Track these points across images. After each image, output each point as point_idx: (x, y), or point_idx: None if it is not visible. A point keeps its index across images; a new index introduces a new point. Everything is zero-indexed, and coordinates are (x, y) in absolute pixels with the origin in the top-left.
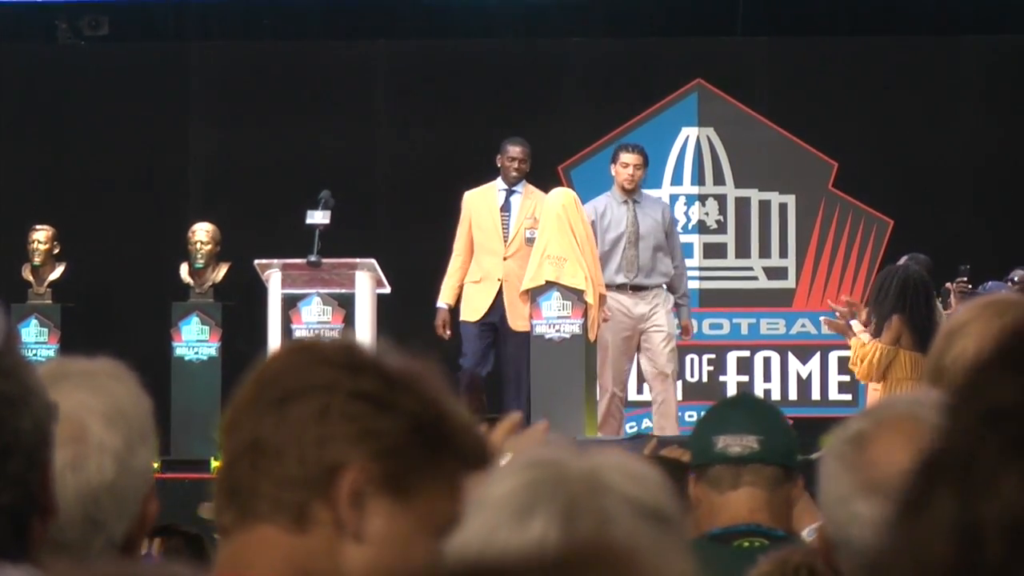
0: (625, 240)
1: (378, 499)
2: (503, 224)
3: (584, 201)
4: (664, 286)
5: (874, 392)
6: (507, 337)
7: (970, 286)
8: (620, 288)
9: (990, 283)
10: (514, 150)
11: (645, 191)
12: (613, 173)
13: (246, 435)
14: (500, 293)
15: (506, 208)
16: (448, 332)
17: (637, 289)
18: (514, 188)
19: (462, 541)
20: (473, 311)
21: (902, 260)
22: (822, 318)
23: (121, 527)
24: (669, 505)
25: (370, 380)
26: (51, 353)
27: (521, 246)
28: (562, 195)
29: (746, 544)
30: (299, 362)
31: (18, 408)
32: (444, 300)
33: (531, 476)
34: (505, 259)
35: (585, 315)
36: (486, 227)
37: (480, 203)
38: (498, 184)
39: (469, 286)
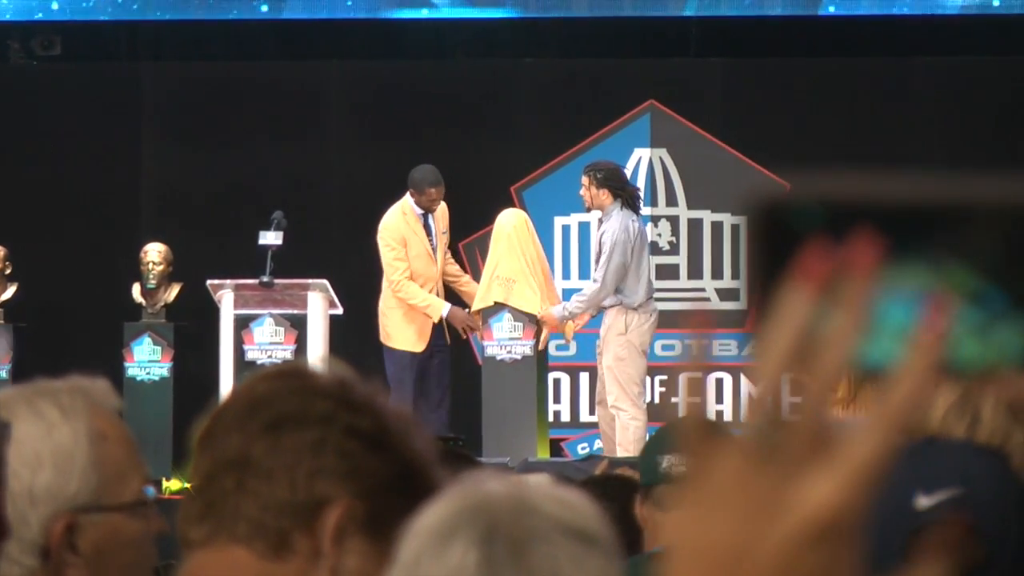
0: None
1: (358, 538)
2: (431, 247)
3: (538, 221)
4: (615, 307)
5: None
6: (443, 352)
7: None
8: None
9: None
10: (435, 191)
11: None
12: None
13: (231, 452)
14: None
15: (428, 231)
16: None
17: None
18: (428, 214)
19: (392, 573)
20: (416, 341)
21: None
22: None
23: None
24: (597, 526)
25: (367, 419)
26: (2, 374)
27: (443, 261)
28: (513, 216)
29: None
30: (294, 389)
31: None
32: (445, 305)
33: (455, 503)
34: (432, 280)
35: (536, 335)
36: (419, 253)
37: (408, 232)
38: (415, 208)
39: (404, 311)
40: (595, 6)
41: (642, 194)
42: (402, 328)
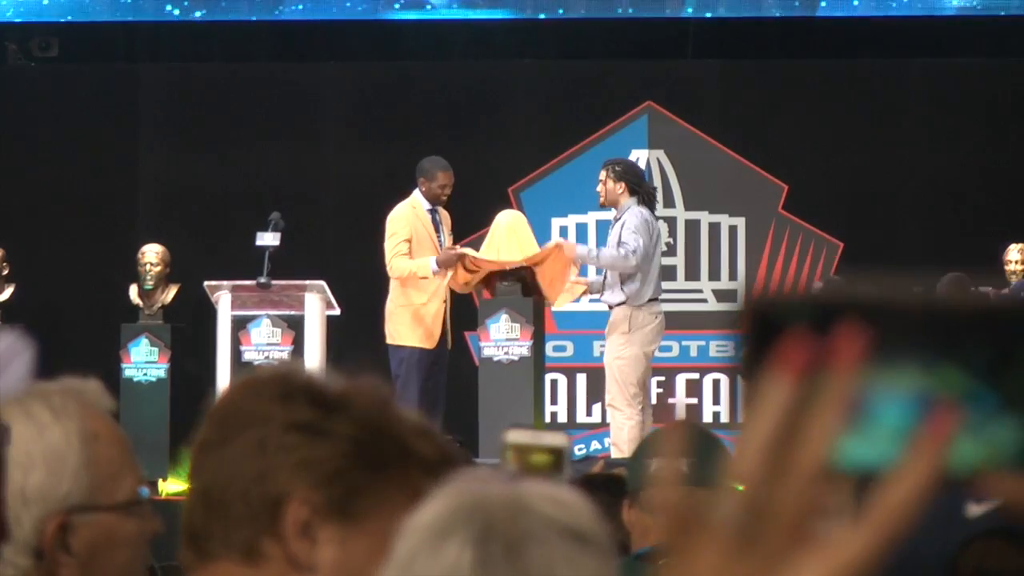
0: None
1: (327, 527)
2: (439, 243)
3: (535, 222)
4: (621, 306)
5: None
6: (444, 355)
7: None
8: None
9: None
10: (444, 176)
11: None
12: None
13: (201, 478)
14: (445, 317)
15: (436, 228)
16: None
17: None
18: (436, 208)
19: (386, 571)
20: (426, 338)
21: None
22: None
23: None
24: (592, 527)
25: (302, 409)
26: None
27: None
28: (511, 215)
29: None
30: (238, 398)
31: None
32: (428, 261)
33: (451, 502)
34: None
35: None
36: (426, 247)
37: (417, 225)
38: (423, 203)
39: (413, 308)
40: (592, 7)
41: (659, 194)
42: (412, 326)
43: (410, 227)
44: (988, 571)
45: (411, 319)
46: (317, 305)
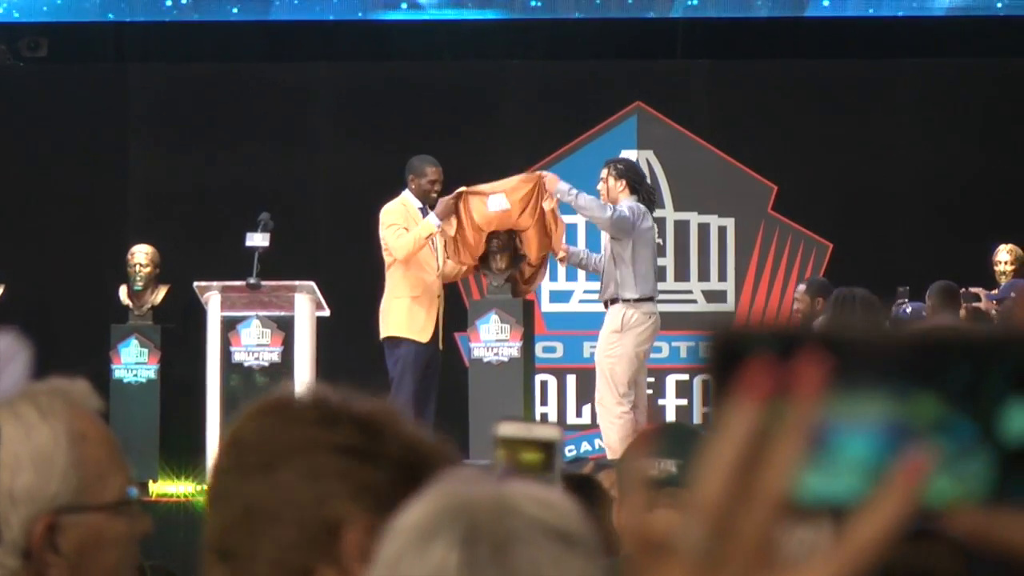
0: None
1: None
2: (432, 245)
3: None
4: (615, 302)
5: None
6: (437, 355)
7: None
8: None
9: (911, 306)
10: (434, 171)
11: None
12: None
13: (236, 503)
14: (439, 314)
15: None
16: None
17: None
18: (426, 206)
19: (372, 572)
20: (422, 331)
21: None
22: None
23: None
24: (579, 527)
25: (349, 432)
26: None
27: (440, 263)
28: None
29: None
30: (273, 425)
31: None
32: (430, 220)
33: (437, 503)
34: (434, 275)
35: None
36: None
37: (410, 221)
38: (414, 202)
39: (410, 301)
40: (582, 8)
41: (666, 197)
42: (408, 318)
43: (406, 220)
44: (918, 570)
45: (407, 310)
46: (307, 306)
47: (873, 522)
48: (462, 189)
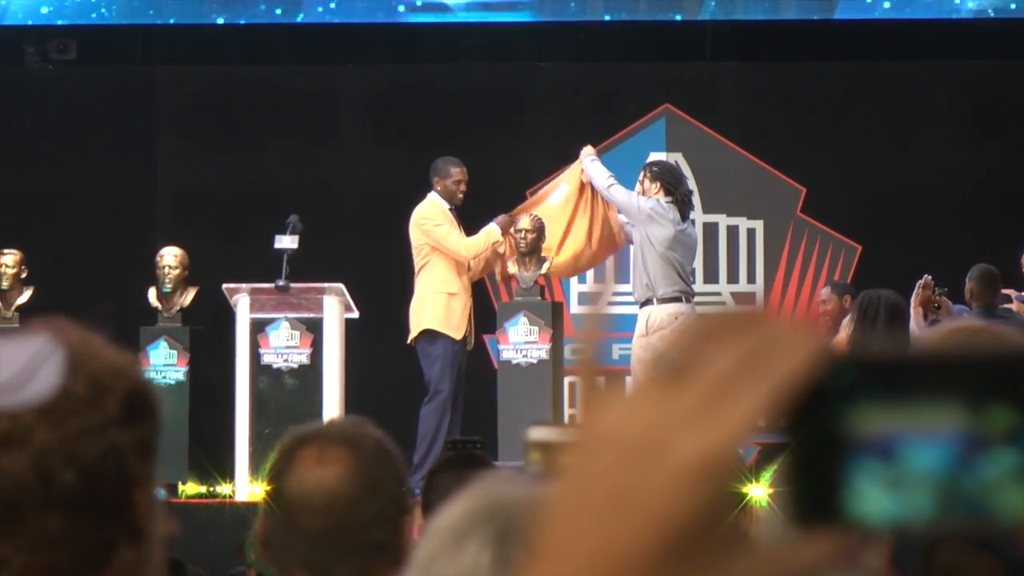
0: None
1: None
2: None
3: None
4: (645, 306)
5: None
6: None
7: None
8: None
9: (955, 307)
10: (459, 172)
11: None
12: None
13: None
14: (471, 313)
15: (459, 227)
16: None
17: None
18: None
19: (407, 572)
20: (457, 327)
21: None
22: None
23: None
24: None
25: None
26: None
27: (471, 263)
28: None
29: None
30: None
31: None
32: (492, 228)
33: (471, 504)
34: (466, 275)
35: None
36: None
37: (447, 220)
38: (443, 203)
39: (447, 296)
40: (610, 10)
41: (695, 199)
42: (446, 314)
43: (443, 217)
44: (957, 573)
45: (445, 307)
46: (336, 308)
47: (765, 381)
48: (521, 207)
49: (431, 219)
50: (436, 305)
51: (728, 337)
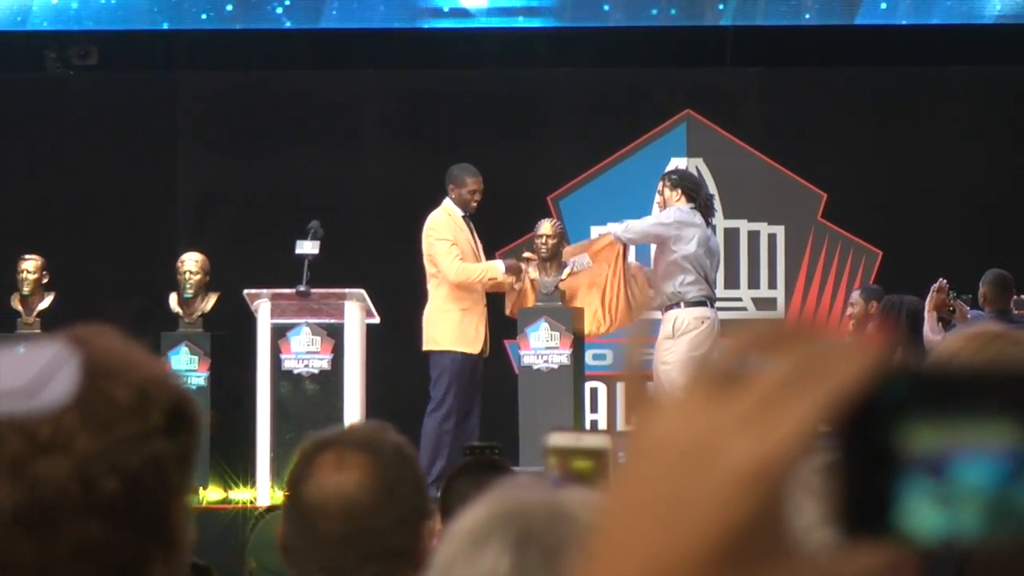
0: None
1: None
2: (476, 251)
3: (574, 230)
4: (669, 308)
5: None
6: (480, 363)
7: (952, 310)
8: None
9: (972, 312)
10: (474, 181)
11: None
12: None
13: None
14: (487, 322)
15: (472, 234)
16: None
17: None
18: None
19: (427, 574)
20: (473, 342)
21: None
22: None
23: None
24: None
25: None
26: None
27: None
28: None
29: None
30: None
31: None
32: (497, 264)
33: (491, 508)
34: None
35: (574, 345)
36: (468, 254)
37: (457, 230)
38: (457, 211)
39: (460, 314)
40: (631, 16)
41: (717, 204)
42: (459, 332)
43: (453, 233)
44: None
45: (458, 324)
46: (357, 313)
47: (819, 392)
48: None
49: (436, 231)
50: (450, 323)
51: (781, 346)
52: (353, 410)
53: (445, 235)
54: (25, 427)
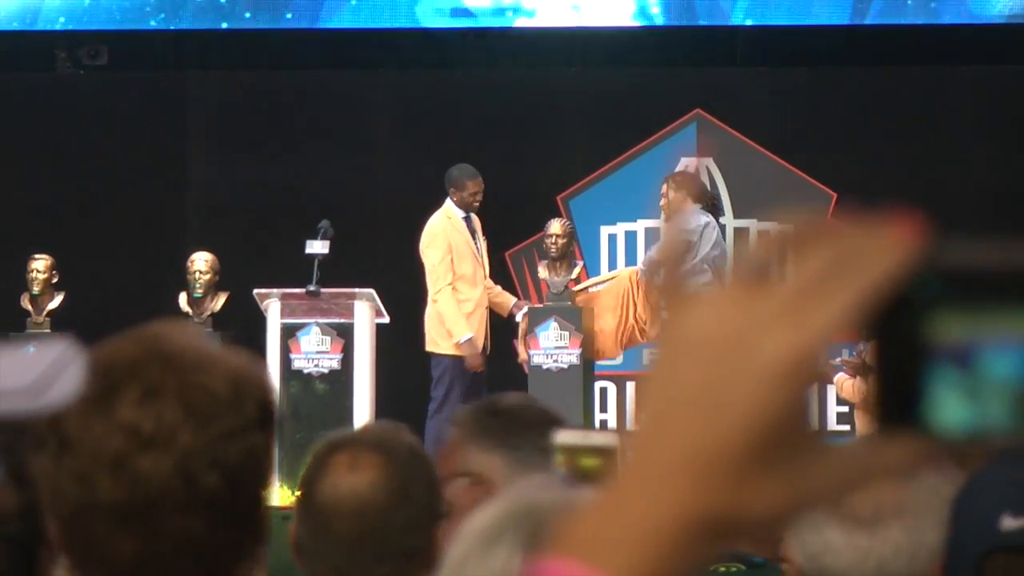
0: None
1: None
2: (476, 249)
3: (584, 230)
4: None
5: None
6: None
7: None
8: None
9: None
10: (474, 184)
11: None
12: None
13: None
14: (486, 325)
15: (472, 235)
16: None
17: None
18: (469, 215)
19: (440, 571)
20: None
21: None
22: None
23: None
24: None
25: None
26: None
27: (487, 271)
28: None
29: (722, 569)
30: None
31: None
32: (469, 330)
33: (503, 508)
34: (480, 285)
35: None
36: (466, 256)
37: (454, 233)
38: (457, 212)
39: (465, 317)
40: (641, 15)
41: (721, 202)
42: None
43: (448, 241)
44: None
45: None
46: (366, 313)
47: (886, 259)
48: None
49: (429, 239)
50: (444, 328)
51: (814, 242)
52: (363, 410)
53: (437, 244)
54: (127, 423)
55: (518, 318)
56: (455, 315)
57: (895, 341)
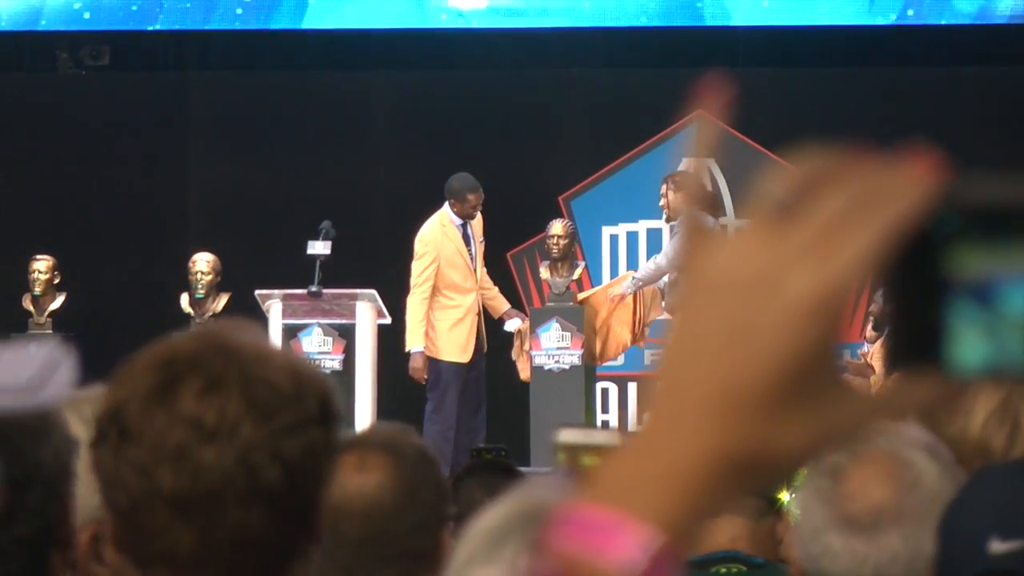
0: None
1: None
2: (469, 257)
3: (586, 230)
4: None
5: None
6: (481, 361)
7: None
8: None
9: None
10: (474, 197)
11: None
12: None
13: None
14: (479, 327)
15: (467, 242)
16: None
17: None
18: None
19: (446, 572)
20: (463, 352)
21: None
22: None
23: None
24: None
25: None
26: None
27: (481, 275)
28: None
29: (723, 571)
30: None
31: (39, 440)
32: (420, 344)
33: (510, 508)
34: (472, 291)
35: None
36: (457, 264)
37: (445, 242)
38: (454, 219)
39: (452, 324)
40: (643, 16)
41: (722, 202)
42: (448, 339)
43: (437, 248)
44: None
45: (448, 331)
46: (368, 314)
47: (911, 193)
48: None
49: (419, 247)
50: (440, 332)
51: (837, 179)
52: (365, 411)
53: (427, 249)
54: (190, 415)
55: (507, 328)
56: (415, 324)
57: (914, 278)
